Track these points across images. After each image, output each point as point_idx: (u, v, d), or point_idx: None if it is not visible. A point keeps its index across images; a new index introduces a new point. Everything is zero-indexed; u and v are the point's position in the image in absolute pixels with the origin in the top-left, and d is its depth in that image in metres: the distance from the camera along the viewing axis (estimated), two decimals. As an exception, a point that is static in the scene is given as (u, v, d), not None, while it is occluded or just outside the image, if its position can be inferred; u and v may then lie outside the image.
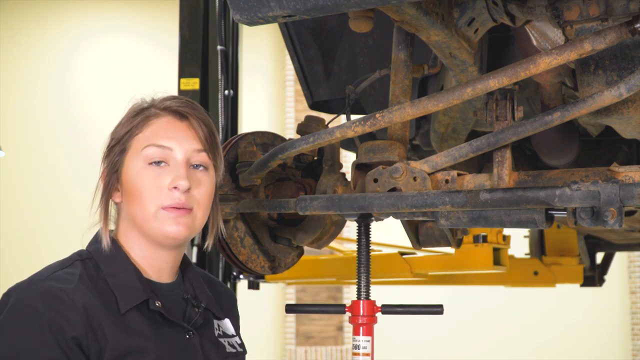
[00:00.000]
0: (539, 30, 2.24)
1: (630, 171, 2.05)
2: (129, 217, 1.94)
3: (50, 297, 1.76)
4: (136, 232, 1.95)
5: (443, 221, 2.29)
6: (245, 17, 1.86)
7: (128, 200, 1.93)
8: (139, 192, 1.91)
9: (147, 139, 1.94)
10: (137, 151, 1.93)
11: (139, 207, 1.92)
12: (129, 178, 1.93)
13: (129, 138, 1.95)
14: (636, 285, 13.54)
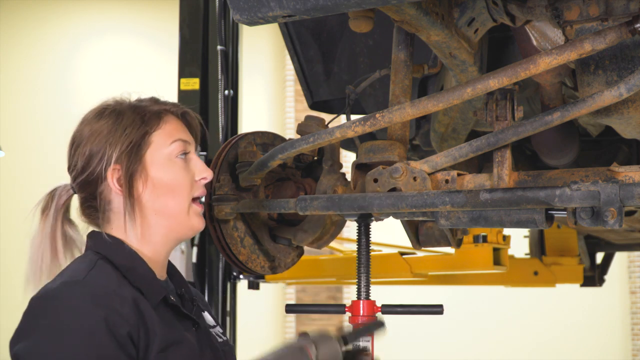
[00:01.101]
0: (539, 30, 2.24)
1: (630, 171, 2.05)
2: (155, 211, 1.95)
3: (100, 295, 1.76)
4: (154, 227, 1.95)
5: (443, 221, 2.29)
6: (245, 17, 1.86)
7: (158, 194, 1.95)
8: (175, 185, 1.96)
9: (170, 134, 1.99)
10: (163, 145, 1.97)
11: (172, 200, 1.96)
12: (159, 173, 1.95)
13: (146, 135, 1.96)
14: (636, 285, 13.55)
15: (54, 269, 1.92)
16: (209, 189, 2.57)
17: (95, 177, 1.93)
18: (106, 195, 1.95)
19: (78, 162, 1.94)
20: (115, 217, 1.96)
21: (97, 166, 1.92)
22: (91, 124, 1.95)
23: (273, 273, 2.72)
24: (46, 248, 1.93)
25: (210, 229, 2.58)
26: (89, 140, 1.94)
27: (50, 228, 1.95)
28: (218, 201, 2.53)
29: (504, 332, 13.01)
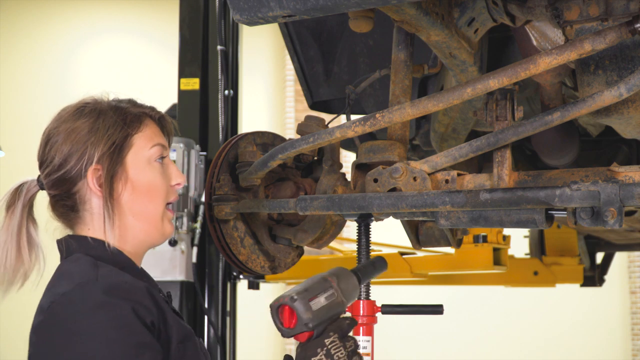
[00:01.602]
0: (539, 30, 2.24)
1: (630, 171, 2.05)
2: (133, 213, 1.93)
3: (122, 289, 1.75)
4: (131, 230, 1.94)
5: (443, 221, 2.29)
6: (245, 17, 1.86)
7: (137, 197, 1.94)
8: (153, 188, 1.96)
9: (151, 138, 1.98)
10: (144, 148, 1.96)
11: (150, 203, 1.95)
12: (139, 176, 1.94)
13: (128, 137, 1.95)
14: (636, 285, 13.54)
15: (17, 269, 1.90)
16: (209, 188, 2.57)
17: (72, 176, 1.90)
18: (82, 195, 1.92)
19: (55, 159, 1.91)
20: (91, 217, 1.93)
21: (77, 165, 1.90)
22: (69, 121, 1.93)
23: (273, 273, 2.72)
24: (11, 246, 1.90)
25: (210, 229, 2.58)
26: (68, 138, 1.91)
27: (17, 226, 1.92)
28: (218, 201, 2.53)
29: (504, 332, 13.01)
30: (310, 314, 1.75)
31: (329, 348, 1.75)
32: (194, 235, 4.76)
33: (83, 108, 1.96)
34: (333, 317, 1.80)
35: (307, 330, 1.75)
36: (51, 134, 1.94)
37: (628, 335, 13.64)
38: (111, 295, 1.72)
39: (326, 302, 1.80)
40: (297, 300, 1.75)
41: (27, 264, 1.91)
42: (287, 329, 1.77)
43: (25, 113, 12.09)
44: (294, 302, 1.75)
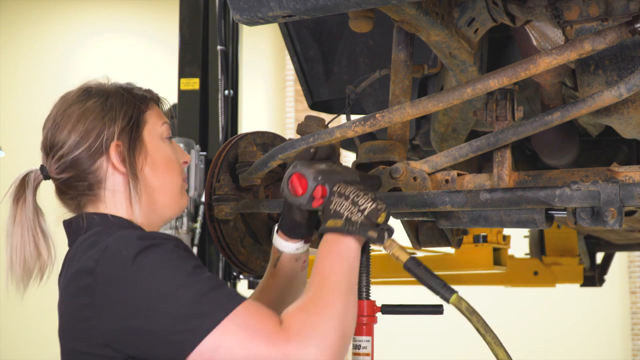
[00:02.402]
0: (539, 30, 2.24)
1: (630, 171, 2.05)
2: (154, 188, 1.93)
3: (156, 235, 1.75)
4: (153, 205, 1.93)
5: (443, 221, 2.29)
6: (245, 17, 1.86)
7: (157, 171, 1.94)
8: (171, 163, 1.97)
9: (160, 116, 2.00)
10: (156, 125, 1.98)
11: (169, 178, 1.96)
12: (157, 150, 1.95)
13: (142, 113, 1.96)
14: (636, 285, 13.55)
15: (40, 264, 1.87)
16: (209, 188, 2.57)
17: (91, 154, 1.88)
18: (101, 173, 1.89)
19: (70, 139, 1.87)
20: (111, 196, 1.90)
21: (96, 142, 1.87)
22: (78, 103, 1.91)
23: (273, 273, 2.72)
24: (29, 238, 1.87)
25: (210, 229, 2.58)
26: (82, 117, 1.88)
27: (31, 217, 1.88)
28: (218, 201, 2.53)
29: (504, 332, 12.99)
30: (315, 169, 1.86)
31: (339, 191, 1.84)
32: (194, 235, 4.77)
33: (89, 90, 1.95)
34: (337, 178, 1.88)
35: (318, 184, 1.84)
36: (59, 117, 1.91)
37: (628, 335, 13.65)
38: (150, 238, 1.71)
39: (325, 167, 1.90)
40: (298, 166, 1.87)
41: (45, 256, 1.88)
42: (302, 196, 1.85)
43: (25, 113, 12.09)
44: (296, 167, 1.87)
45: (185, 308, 1.59)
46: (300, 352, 1.56)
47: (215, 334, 1.58)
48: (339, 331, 1.62)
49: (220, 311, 1.60)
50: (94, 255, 1.70)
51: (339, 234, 1.79)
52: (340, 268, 1.75)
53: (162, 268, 1.65)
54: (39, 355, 11.52)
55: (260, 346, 1.57)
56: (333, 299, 1.67)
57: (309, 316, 1.62)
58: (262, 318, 1.62)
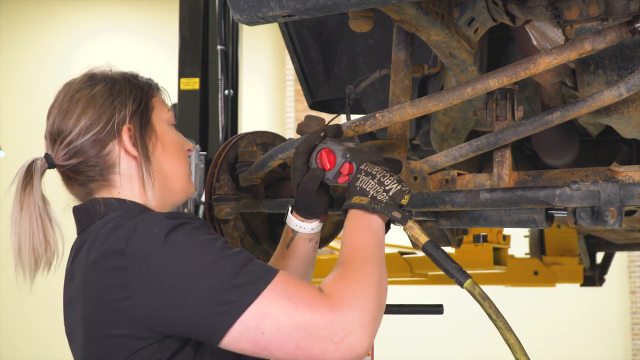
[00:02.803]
0: (539, 30, 2.25)
1: (630, 171, 2.05)
2: (164, 173, 1.92)
3: (181, 214, 1.74)
4: (163, 190, 1.92)
5: (443, 221, 2.29)
6: (245, 17, 1.86)
7: (166, 156, 1.93)
8: (179, 148, 1.97)
9: (164, 102, 2.00)
10: (163, 111, 1.98)
11: (177, 163, 1.96)
12: (166, 135, 1.95)
13: (150, 98, 1.95)
14: (636, 285, 13.55)
15: (48, 253, 1.84)
16: (209, 188, 2.57)
17: (102, 137, 1.86)
18: (112, 158, 1.87)
19: (79, 124, 1.85)
20: (123, 180, 1.88)
21: (107, 125, 1.86)
22: (85, 89, 1.90)
23: (273, 273, 2.72)
24: (38, 226, 1.83)
25: (210, 229, 2.58)
26: (91, 102, 1.87)
27: (39, 204, 1.84)
28: (218, 201, 2.53)
29: (504, 332, 13.01)
30: (344, 146, 1.92)
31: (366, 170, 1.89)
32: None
33: (94, 76, 1.94)
34: (364, 157, 1.92)
35: (346, 160, 1.90)
36: (66, 104, 1.90)
37: (628, 334, 13.65)
38: (179, 217, 1.71)
39: (354, 145, 1.96)
40: (328, 141, 1.95)
41: (53, 244, 1.84)
42: (329, 171, 1.92)
43: (25, 113, 12.09)
44: (326, 143, 1.95)
45: (225, 281, 1.60)
46: (344, 318, 1.59)
47: (259, 303, 1.59)
48: (378, 299, 1.66)
49: (260, 281, 1.61)
50: (123, 235, 1.68)
51: (365, 211, 1.83)
52: (371, 240, 1.79)
53: (196, 244, 1.65)
54: (39, 355, 11.53)
55: (305, 313, 1.59)
56: (370, 269, 1.70)
57: (349, 284, 1.64)
58: (302, 287, 1.64)
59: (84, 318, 1.73)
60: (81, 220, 1.88)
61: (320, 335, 1.58)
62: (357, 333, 1.59)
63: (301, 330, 1.58)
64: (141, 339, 1.66)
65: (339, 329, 1.58)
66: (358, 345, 1.59)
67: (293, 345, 1.59)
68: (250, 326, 1.59)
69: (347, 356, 1.59)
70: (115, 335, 1.67)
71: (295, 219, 2.07)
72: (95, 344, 1.72)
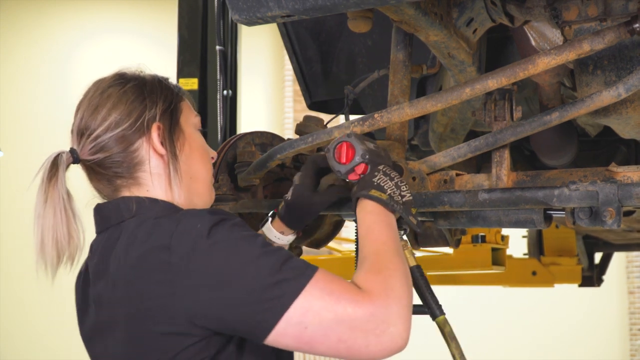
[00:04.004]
0: (537, 31, 2.25)
1: (629, 171, 2.05)
2: (190, 175, 1.93)
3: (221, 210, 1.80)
4: (189, 192, 1.92)
5: (441, 221, 2.29)
6: (244, 17, 1.86)
7: (193, 158, 1.94)
8: (205, 151, 1.99)
9: (191, 108, 2.01)
10: (191, 115, 1.99)
11: (205, 166, 1.97)
12: (193, 137, 1.96)
13: (179, 101, 1.97)
14: (634, 286, 13.56)
15: (71, 248, 1.81)
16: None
17: (131, 133, 1.85)
18: (140, 155, 1.87)
19: (109, 119, 1.84)
20: (150, 178, 1.87)
21: (137, 121, 1.86)
22: (115, 86, 1.89)
23: (271, 273, 2.72)
24: (62, 220, 1.80)
25: (209, 229, 2.57)
26: (122, 98, 1.87)
27: (64, 197, 1.81)
28: (217, 201, 2.53)
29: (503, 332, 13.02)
30: (365, 146, 1.94)
31: (385, 171, 1.91)
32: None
33: (125, 75, 1.94)
34: (380, 161, 1.95)
35: (363, 161, 1.92)
36: (97, 99, 1.88)
37: (626, 335, 13.66)
38: (219, 213, 1.73)
39: (374, 147, 1.99)
40: (352, 137, 1.96)
41: (76, 239, 1.83)
42: (344, 165, 1.94)
43: (25, 113, 12.10)
44: (350, 137, 1.96)
45: (269, 277, 1.62)
46: (384, 310, 1.61)
47: (302, 298, 1.60)
48: (410, 291, 1.69)
49: (302, 277, 1.63)
50: (166, 231, 1.69)
51: (383, 206, 1.86)
52: (393, 236, 1.81)
53: (239, 240, 1.67)
54: (39, 355, 11.53)
55: (347, 308, 1.60)
56: (399, 261, 1.73)
57: (385, 278, 1.66)
58: (341, 282, 1.65)
59: (128, 316, 1.72)
60: (106, 218, 1.87)
61: (362, 329, 1.60)
62: (397, 325, 1.62)
63: (343, 325, 1.60)
64: (187, 335, 1.67)
65: (380, 321, 1.61)
66: (398, 337, 1.62)
67: (335, 339, 1.61)
68: (294, 321, 1.61)
69: (388, 348, 1.62)
70: (161, 333, 1.68)
71: (275, 230, 2.11)
72: (140, 343, 1.72)
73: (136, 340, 1.72)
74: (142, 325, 1.70)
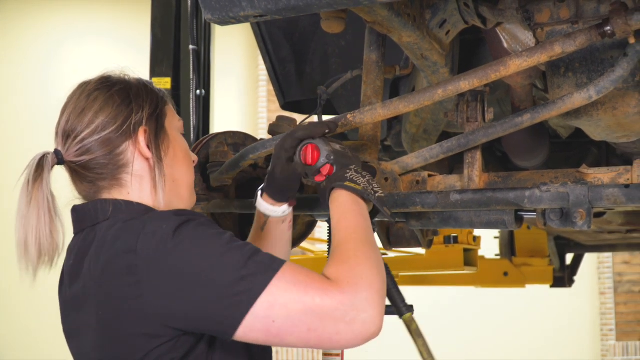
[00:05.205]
0: (509, 33, 2.26)
1: (599, 173, 2.07)
2: (174, 178, 1.94)
3: (187, 211, 1.79)
4: (171, 195, 1.93)
5: (414, 222, 2.30)
6: (217, 17, 1.86)
7: (176, 162, 1.95)
8: (188, 155, 2.00)
9: (175, 112, 2.02)
10: (174, 119, 2.00)
11: (188, 170, 1.98)
12: (177, 142, 1.97)
13: (163, 105, 1.98)
14: (605, 286, 13.63)
15: (52, 249, 1.82)
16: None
17: (118, 136, 1.87)
18: (125, 158, 1.88)
19: (96, 121, 1.85)
20: (133, 181, 1.88)
21: (124, 124, 1.87)
22: (102, 89, 1.90)
23: (244, 273, 2.71)
24: (45, 221, 1.81)
25: (181, 229, 2.57)
26: (110, 100, 1.88)
27: (47, 198, 1.83)
28: (189, 201, 2.52)
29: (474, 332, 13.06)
30: (331, 147, 1.95)
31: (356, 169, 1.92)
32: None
33: (109, 78, 1.95)
34: (347, 162, 1.95)
35: (328, 162, 1.93)
36: (83, 101, 1.89)
37: (597, 335, 13.74)
38: (185, 214, 1.74)
39: (340, 148, 1.99)
40: (317, 139, 1.97)
41: (57, 240, 1.84)
42: (310, 166, 1.95)
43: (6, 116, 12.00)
44: (315, 139, 1.96)
45: (234, 273, 1.62)
46: (354, 298, 1.61)
47: (268, 292, 1.61)
48: (382, 278, 1.70)
49: (268, 271, 1.63)
50: (133, 234, 1.70)
51: (357, 196, 1.86)
52: (364, 224, 1.82)
53: (203, 239, 1.68)
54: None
55: (314, 297, 1.61)
56: (369, 250, 1.75)
57: (353, 266, 1.67)
58: (309, 273, 1.66)
59: (99, 319, 1.74)
60: (82, 219, 1.88)
61: (331, 317, 1.61)
62: (368, 311, 1.61)
63: (312, 315, 1.61)
64: (156, 336, 1.68)
65: (349, 309, 1.61)
66: (371, 323, 1.62)
67: (305, 329, 1.62)
68: (261, 315, 1.61)
69: (360, 335, 1.62)
70: (131, 335, 1.69)
71: (266, 203, 2.09)
72: (111, 345, 1.73)
73: (107, 342, 1.73)
74: (112, 327, 1.72)
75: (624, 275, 13.66)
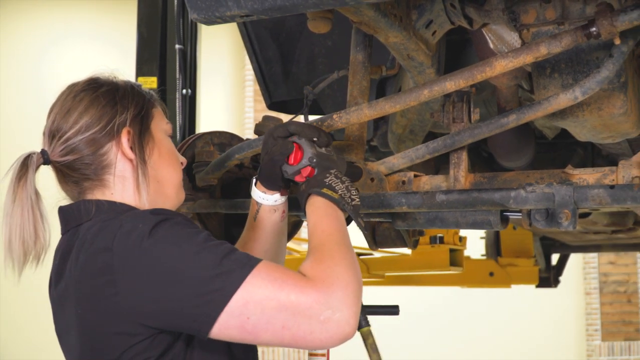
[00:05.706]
0: (495, 33, 2.26)
1: (585, 174, 2.07)
2: (158, 179, 1.95)
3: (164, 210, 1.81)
4: (155, 195, 1.94)
5: (399, 222, 2.30)
6: (203, 17, 1.86)
7: (161, 163, 1.96)
8: (174, 156, 2.01)
9: (163, 115, 2.03)
10: (162, 122, 2.01)
11: (174, 170, 2.00)
12: (163, 143, 1.98)
13: (150, 107, 1.99)
14: (591, 287, 13.68)
15: (37, 247, 1.84)
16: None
17: (102, 136, 1.88)
18: (108, 158, 1.89)
19: (80, 122, 1.87)
20: (118, 182, 1.90)
21: (107, 125, 1.88)
22: (88, 90, 1.92)
23: (229, 273, 2.71)
24: (29, 220, 1.83)
25: (166, 229, 2.56)
26: (94, 102, 1.90)
27: (32, 198, 1.85)
28: (175, 201, 2.51)
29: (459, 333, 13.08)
30: (315, 150, 1.96)
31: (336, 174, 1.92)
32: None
33: (98, 80, 1.97)
34: (329, 165, 1.96)
35: (310, 164, 1.94)
36: (69, 102, 1.91)
37: (583, 335, 13.79)
38: (162, 213, 1.76)
39: (326, 152, 1.99)
40: (302, 140, 1.97)
41: (42, 239, 1.86)
42: (291, 166, 1.95)
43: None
44: (301, 140, 1.97)
45: (209, 271, 1.63)
46: (329, 297, 1.61)
47: (243, 289, 1.62)
48: (357, 279, 1.69)
49: (243, 268, 1.64)
50: (110, 233, 1.72)
51: (333, 204, 1.86)
52: (340, 227, 1.82)
53: (179, 237, 1.69)
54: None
55: (289, 294, 1.62)
56: (344, 251, 1.74)
57: (329, 266, 1.67)
58: (285, 271, 1.67)
59: (78, 317, 1.76)
60: (68, 220, 1.90)
61: (306, 315, 1.61)
62: (342, 311, 1.61)
63: (286, 312, 1.61)
64: (132, 335, 1.69)
65: (324, 308, 1.61)
66: (345, 323, 1.62)
67: (279, 326, 1.62)
68: (236, 313, 1.62)
69: (333, 335, 1.62)
70: (108, 333, 1.71)
71: (259, 190, 2.09)
72: (90, 343, 1.75)
73: (87, 340, 1.76)
74: (90, 326, 1.74)
75: (609, 276, 13.71)
